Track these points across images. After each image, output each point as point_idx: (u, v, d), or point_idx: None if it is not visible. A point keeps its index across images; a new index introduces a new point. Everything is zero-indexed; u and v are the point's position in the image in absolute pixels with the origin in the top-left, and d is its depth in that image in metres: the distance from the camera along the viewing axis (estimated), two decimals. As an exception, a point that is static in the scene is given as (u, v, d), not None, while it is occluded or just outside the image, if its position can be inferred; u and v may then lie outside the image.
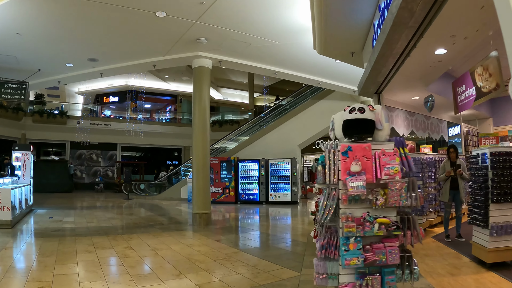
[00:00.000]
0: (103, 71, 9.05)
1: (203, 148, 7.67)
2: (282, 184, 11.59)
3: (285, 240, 5.88)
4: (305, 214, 9.29)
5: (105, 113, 22.53)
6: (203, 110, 7.78)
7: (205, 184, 7.64)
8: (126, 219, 8.45)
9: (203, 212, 7.43)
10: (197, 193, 7.56)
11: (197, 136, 7.74)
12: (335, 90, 11.45)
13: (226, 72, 23.49)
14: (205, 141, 7.73)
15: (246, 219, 8.77)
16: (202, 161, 7.63)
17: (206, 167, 7.69)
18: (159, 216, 9.08)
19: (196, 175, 7.60)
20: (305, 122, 12.66)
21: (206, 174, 7.68)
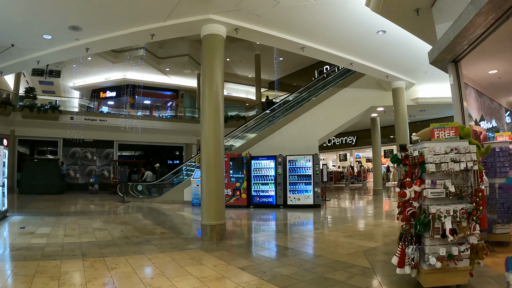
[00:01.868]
0: (89, 45, 7.13)
1: (215, 140, 5.74)
2: (303, 184, 9.68)
3: (341, 265, 3.96)
4: (337, 222, 7.37)
5: (103, 109, 20.55)
6: (215, 91, 5.86)
7: (218, 186, 5.72)
8: (116, 230, 6.50)
9: (216, 223, 5.51)
10: (208, 198, 5.64)
11: (207, 125, 5.81)
12: (365, 73, 9.56)
13: (231, 65, 21.59)
14: (218, 130, 5.81)
15: (268, 229, 6.84)
16: (214, 157, 5.71)
17: (219, 165, 5.76)
18: (157, 225, 7.13)
19: (206, 174, 5.69)
20: (326, 113, 10.76)
21: (219, 174, 5.76)
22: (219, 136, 5.79)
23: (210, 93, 5.85)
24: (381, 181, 13.59)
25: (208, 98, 5.85)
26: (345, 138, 21.55)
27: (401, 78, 9.78)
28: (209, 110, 5.83)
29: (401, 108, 9.87)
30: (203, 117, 5.89)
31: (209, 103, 5.84)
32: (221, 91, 5.94)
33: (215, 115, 5.82)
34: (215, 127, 5.77)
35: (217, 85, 5.88)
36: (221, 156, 5.83)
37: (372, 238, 5.42)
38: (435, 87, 11.04)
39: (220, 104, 5.90)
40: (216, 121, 5.81)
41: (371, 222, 7.08)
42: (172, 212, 9.56)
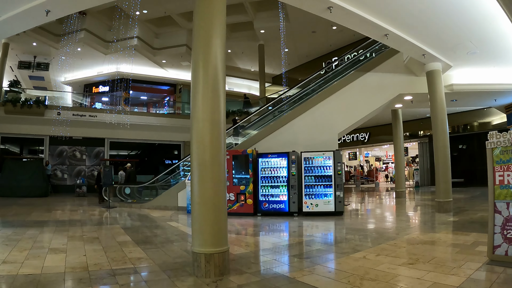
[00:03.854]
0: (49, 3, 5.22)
1: (213, 124, 3.78)
2: (321, 187, 7.74)
3: None
4: (377, 237, 5.42)
5: (96, 105, 18.60)
6: (213, 63, 3.89)
7: (218, 195, 3.76)
8: (78, 253, 4.56)
9: (215, 251, 3.56)
10: (202, 213, 3.70)
11: (201, 104, 3.87)
12: (399, 50, 7.63)
13: (232, 57, 19.66)
14: (217, 111, 3.85)
15: (285, 250, 4.89)
16: (212, 150, 3.76)
17: (219, 162, 3.80)
18: (137, 244, 5.19)
19: (199, 177, 3.75)
20: (347, 101, 8.81)
21: (219, 176, 3.78)
22: (218, 119, 3.82)
23: (206, 57, 3.89)
24: (404, 182, 11.67)
25: (203, 65, 3.87)
26: (356, 134, 19.54)
27: (438, 58, 7.85)
28: (203, 81, 3.86)
29: (439, 95, 7.93)
30: (195, 92, 3.93)
31: (204, 71, 3.86)
32: (221, 65, 3.97)
33: (213, 89, 3.85)
34: (212, 106, 3.81)
35: (215, 57, 3.92)
36: (222, 149, 3.86)
37: (448, 266, 3.49)
38: (473, 72, 9.11)
39: (220, 76, 3.92)
40: (214, 98, 3.85)
41: (423, 236, 5.16)
42: (161, 221, 7.63)
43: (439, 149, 7.76)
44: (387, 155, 23.22)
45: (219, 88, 3.88)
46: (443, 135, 7.79)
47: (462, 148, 16.49)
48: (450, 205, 7.71)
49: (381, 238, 5.21)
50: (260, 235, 5.86)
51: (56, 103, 16.45)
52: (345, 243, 4.92)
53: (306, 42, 17.23)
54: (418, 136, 17.52)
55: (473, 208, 8.43)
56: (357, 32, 10.68)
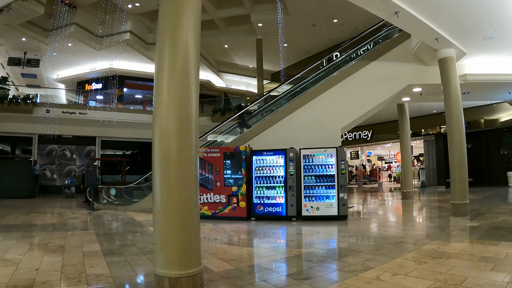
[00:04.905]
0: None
1: (179, 112, 2.92)
2: (323, 188, 6.82)
3: None
4: (392, 248, 4.50)
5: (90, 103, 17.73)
6: (183, 44, 2.98)
7: (186, 201, 2.85)
8: (31, 267, 3.68)
9: (182, 274, 2.66)
10: (165, 226, 2.82)
11: (166, 87, 3.00)
12: (411, 33, 6.71)
13: (229, 53, 18.78)
14: (187, 97, 2.97)
15: (281, 264, 3.98)
16: (178, 145, 2.89)
17: (188, 161, 2.90)
18: (107, 256, 4.30)
19: (161, 179, 2.87)
20: (350, 93, 7.90)
21: (188, 178, 2.89)
22: (188, 109, 2.95)
23: (174, 36, 3.00)
24: (411, 182, 10.74)
25: (170, 47, 2.99)
26: (358, 132, 18.56)
27: (452, 43, 6.93)
28: (170, 67, 2.97)
29: (453, 85, 7.00)
30: (159, 79, 3.05)
31: (171, 54, 2.97)
32: (193, 39, 3.06)
33: (182, 76, 2.96)
34: (182, 92, 2.94)
35: (187, 25, 3.03)
36: (192, 143, 2.97)
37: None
38: (488, 61, 8.18)
39: (192, 61, 3.01)
40: (183, 82, 2.97)
41: (444, 246, 4.25)
42: (143, 227, 6.73)
43: (455, 145, 6.83)
44: (389, 154, 22.26)
45: (189, 74, 3.01)
46: (458, 130, 6.87)
47: (468, 147, 15.55)
48: (467, 207, 6.78)
49: (395, 249, 4.29)
50: (252, 245, 4.94)
51: (52, 101, 15.61)
52: (353, 257, 4.00)
53: (306, 36, 16.32)
54: (424, 134, 16.56)
55: (490, 210, 7.50)
56: (359, 26, 9.70)
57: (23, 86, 18.92)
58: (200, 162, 7.71)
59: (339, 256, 4.19)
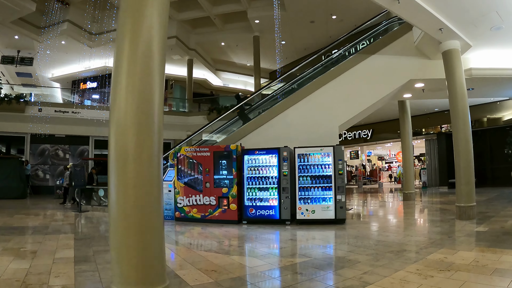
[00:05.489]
0: None
1: (141, 101, 2.47)
2: (319, 190, 6.32)
3: None
4: (395, 257, 4.00)
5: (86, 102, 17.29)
6: (146, 35, 2.57)
7: (146, 207, 2.39)
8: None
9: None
10: (120, 236, 2.38)
11: (125, 72, 2.53)
12: (412, 22, 6.19)
13: (226, 51, 18.29)
14: (150, 85, 2.52)
15: (269, 279, 3.48)
16: (136, 141, 2.43)
17: (148, 160, 2.45)
18: (78, 264, 3.82)
19: (117, 181, 2.42)
20: (348, 89, 7.40)
21: (149, 179, 2.43)
22: (149, 100, 2.50)
23: (136, 24, 2.57)
24: (413, 182, 10.22)
25: (131, 37, 2.57)
26: (358, 131, 18.03)
27: (457, 34, 6.43)
28: (129, 59, 2.53)
29: (458, 79, 6.49)
30: (117, 61, 2.58)
31: (132, 44, 2.55)
32: (158, 28, 2.63)
33: (144, 68, 2.52)
34: (142, 81, 2.49)
35: (152, 14, 2.59)
36: (154, 140, 2.51)
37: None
38: (494, 55, 7.68)
39: (156, 53, 2.58)
40: (145, 68, 2.52)
41: (452, 256, 3.75)
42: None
43: (460, 144, 6.32)
44: (390, 154, 21.73)
45: (152, 59, 2.58)
46: (464, 127, 6.36)
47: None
48: (473, 210, 6.27)
49: (397, 259, 3.79)
50: (238, 253, 4.45)
51: (48, 100, 15.17)
52: (349, 269, 3.50)
53: (304, 33, 15.81)
54: (425, 133, 16.03)
55: (498, 213, 6.99)
56: (358, 22, 9.20)
57: (18, 85, 18.53)
58: (189, 162, 7.26)
59: (334, 268, 3.69)
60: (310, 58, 8.72)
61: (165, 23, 2.72)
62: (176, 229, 6.43)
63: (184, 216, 7.04)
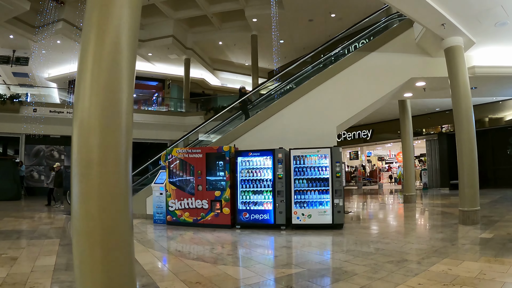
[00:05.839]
0: None
1: (105, 106, 2.19)
2: (316, 193, 6.01)
3: None
4: (398, 269, 3.71)
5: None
6: (114, 31, 2.32)
7: (112, 220, 2.12)
8: None
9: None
10: (83, 253, 2.08)
11: (90, 61, 2.25)
12: (414, 17, 5.86)
13: (224, 50, 18.00)
14: (117, 84, 2.24)
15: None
16: (101, 146, 2.15)
17: (115, 165, 2.18)
18: (58, 272, 3.53)
19: (79, 189, 2.14)
20: (347, 88, 7.10)
21: (116, 188, 2.17)
22: (117, 98, 2.25)
23: (103, 19, 2.31)
24: (414, 184, 9.89)
25: (97, 33, 2.32)
26: (358, 132, 17.69)
27: (461, 30, 6.11)
28: (96, 36, 2.27)
29: (461, 76, 6.17)
30: (82, 55, 2.31)
31: (98, 39, 2.29)
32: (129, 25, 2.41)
33: (111, 67, 2.27)
34: (110, 76, 2.23)
35: (121, 7, 2.33)
36: (121, 142, 2.24)
37: None
38: (498, 52, 7.35)
39: (125, 50, 2.35)
40: (112, 62, 2.25)
41: (456, 267, 3.44)
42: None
43: (464, 144, 6.01)
44: (390, 155, 21.40)
45: (120, 61, 2.32)
46: (468, 127, 6.04)
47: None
48: (477, 215, 5.96)
49: (397, 271, 3.48)
50: (228, 262, 4.15)
51: (45, 100, 14.88)
52: (345, 282, 3.19)
53: (303, 32, 15.50)
54: (426, 133, 15.69)
55: (503, 218, 6.67)
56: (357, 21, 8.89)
57: (15, 85, 18.28)
58: (181, 164, 6.96)
59: (329, 281, 3.39)
60: (307, 56, 8.41)
61: (136, 15, 2.46)
62: (167, 233, 6.14)
63: (176, 220, 6.74)
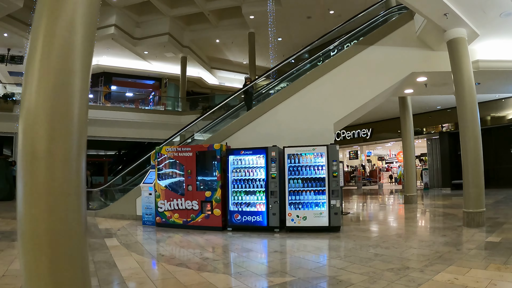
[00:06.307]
0: None
1: (54, 97, 1.88)
2: (311, 194, 5.65)
3: None
4: (398, 273, 3.35)
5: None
6: (66, 23, 2.04)
7: (62, 222, 1.81)
8: None
9: None
10: (30, 257, 1.74)
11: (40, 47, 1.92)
12: (414, 7, 5.49)
13: (221, 49, 17.66)
14: (68, 71, 1.93)
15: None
16: (48, 138, 1.84)
17: (65, 160, 1.89)
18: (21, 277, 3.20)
19: (24, 187, 1.81)
20: (344, 82, 6.73)
21: (66, 185, 1.86)
22: (70, 86, 1.98)
23: (53, 11, 2.00)
24: (414, 184, 9.51)
25: (47, 25, 2.02)
26: (357, 131, 17.31)
27: (464, 21, 5.74)
28: (47, 24, 1.96)
29: (465, 70, 5.80)
30: (32, 43, 2.00)
31: (48, 32, 1.99)
32: (83, 18, 2.11)
33: (65, 34, 1.95)
34: (59, 64, 1.94)
35: None
36: (75, 134, 1.96)
37: None
38: (504, 45, 6.98)
39: (79, 44, 2.09)
40: (65, 46, 1.97)
41: (462, 276, 3.08)
42: (99, 237, 5.58)
43: (468, 142, 5.63)
44: (390, 154, 21.01)
45: (74, 46, 2.06)
46: (473, 124, 5.67)
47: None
48: (483, 217, 5.58)
49: (397, 280, 3.11)
50: (214, 269, 3.78)
51: None
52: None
53: (301, 29, 15.14)
54: (427, 132, 15.29)
55: (509, 219, 6.28)
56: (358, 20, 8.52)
57: (11, 84, 17.98)
58: (170, 163, 6.61)
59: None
60: (302, 50, 8.05)
61: (93, 22, 2.21)
62: (154, 236, 5.78)
63: (165, 221, 6.39)
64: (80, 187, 2.05)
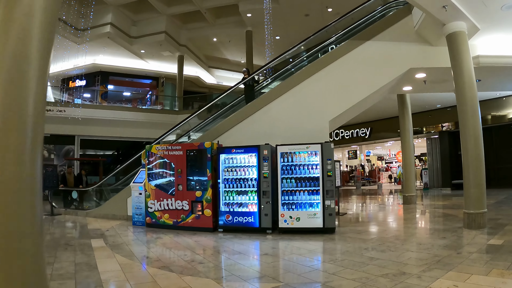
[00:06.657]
0: None
1: (6, 91, 1.69)
2: (305, 194, 5.40)
3: None
4: (394, 279, 3.11)
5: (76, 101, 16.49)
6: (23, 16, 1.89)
7: (15, 223, 1.59)
8: None
9: None
10: None
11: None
12: (412, 0, 5.24)
13: (219, 47, 17.43)
14: (23, 64, 1.74)
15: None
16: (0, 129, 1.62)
17: (15, 162, 1.75)
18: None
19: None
20: (340, 79, 6.48)
21: (12, 188, 1.68)
22: (24, 75, 1.88)
23: None
24: (414, 184, 9.26)
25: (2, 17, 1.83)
26: (356, 130, 17.02)
27: (464, 14, 5.49)
28: None
29: (466, 65, 5.54)
30: None
31: None
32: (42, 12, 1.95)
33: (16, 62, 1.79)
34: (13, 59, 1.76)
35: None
36: (29, 128, 1.86)
37: None
38: (504, 40, 6.72)
39: (35, 42, 1.93)
40: (22, 31, 1.78)
41: (464, 283, 2.84)
42: (87, 238, 5.36)
43: (469, 140, 5.38)
44: (390, 154, 20.73)
45: (31, 30, 1.92)
46: (474, 121, 5.42)
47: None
48: (484, 218, 5.32)
49: (392, 287, 2.87)
50: (197, 273, 3.55)
51: None
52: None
53: (299, 27, 14.87)
54: (426, 132, 15.02)
55: (511, 220, 6.03)
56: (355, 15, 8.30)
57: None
58: (160, 162, 6.38)
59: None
60: (297, 46, 7.82)
61: (53, 15, 2.07)
62: (142, 237, 5.55)
63: (156, 222, 6.16)
64: (35, 184, 1.92)
